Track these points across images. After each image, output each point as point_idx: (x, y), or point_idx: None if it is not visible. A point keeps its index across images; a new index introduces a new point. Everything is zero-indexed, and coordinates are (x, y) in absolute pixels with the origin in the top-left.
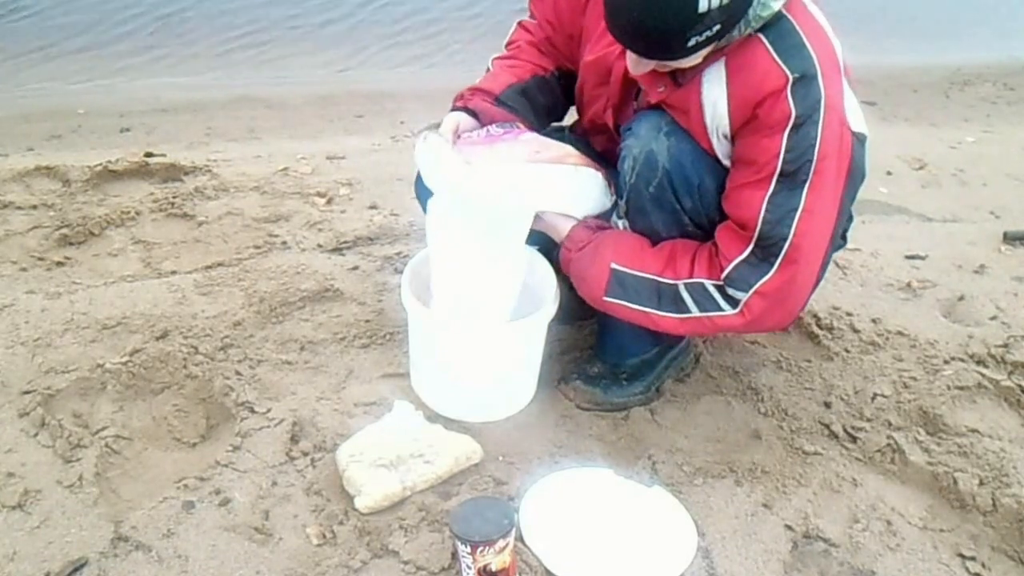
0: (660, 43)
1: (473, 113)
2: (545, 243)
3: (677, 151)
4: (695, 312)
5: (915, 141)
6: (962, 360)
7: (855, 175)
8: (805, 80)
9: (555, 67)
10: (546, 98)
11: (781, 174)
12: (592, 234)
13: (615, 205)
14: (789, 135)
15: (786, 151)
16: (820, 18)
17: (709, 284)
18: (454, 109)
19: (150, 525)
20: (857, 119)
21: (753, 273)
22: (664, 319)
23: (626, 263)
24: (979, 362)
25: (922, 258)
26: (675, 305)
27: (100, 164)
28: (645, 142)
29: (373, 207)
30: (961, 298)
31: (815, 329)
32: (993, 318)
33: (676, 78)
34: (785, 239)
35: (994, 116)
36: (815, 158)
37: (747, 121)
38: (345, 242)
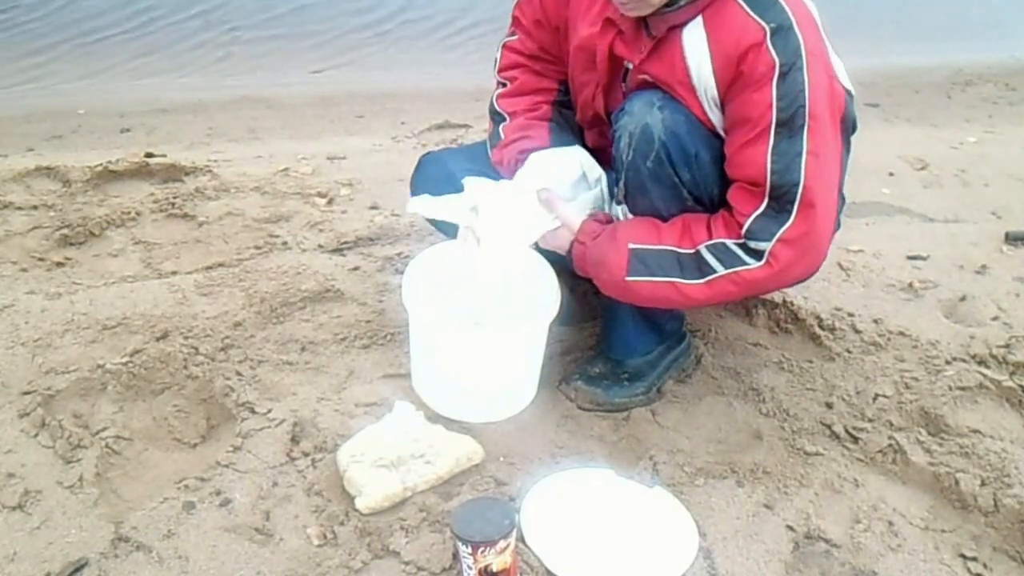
0: None
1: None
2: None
3: (672, 122)
4: (720, 270)
5: (917, 142)
6: (964, 360)
7: (847, 123)
8: (782, 30)
9: (558, 83)
10: (570, 118)
11: (778, 124)
12: (603, 225)
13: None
14: (777, 84)
15: (777, 99)
16: None
17: (730, 242)
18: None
19: (150, 526)
20: (843, 77)
21: (773, 223)
22: (690, 287)
23: (643, 240)
24: (981, 362)
25: (924, 258)
26: (699, 270)
27: (100, 164)
28: (640, 117)
29: (374, 207)
30: (963, 298)
31: (817, 330)
32: (995, 318)
33: (650, 30)
34: (797, 184)
35: (996, 116)
36: (807, 102)
37: (733, 80)
38: (346, 242)
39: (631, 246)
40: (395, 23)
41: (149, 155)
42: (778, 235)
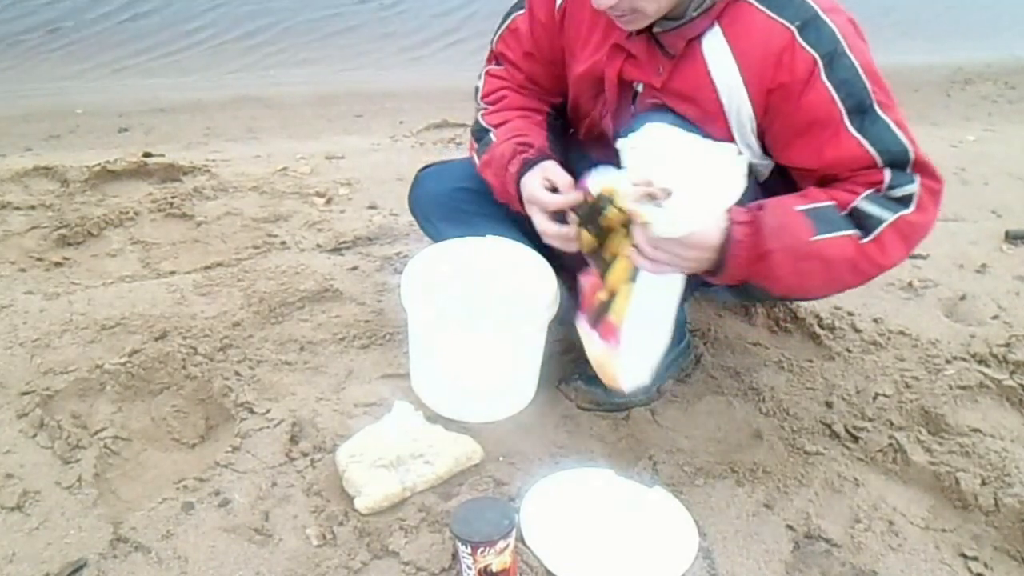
0: None
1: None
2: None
3: None
4: (887, 217)
5: (916, 140)
6: (964, 360)
7: None
8: (809, 24)
9: (548, 106)
10: (560, 136)
11: (849, 113)
12: (748, 206)
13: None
14: (828, 77)
15: (836, 90)
16: None
17: (879, 195)
18: (529, 162)
19: (149, 526)
20: None
21: (904, 177)
22: (866, 245)
23: (805, 203)
24: (981, 361)
25: (923, 257)
26: (863, 226)
27: (98, 164)
28: None
29: (372, 207)
30: (963, 297)
31: (817, 329)
32: (995, 317)
33: (666, 49)
34: (906, 151)
35: (995, 115)
36: (865, 80)
37: (773, 90)
38: (344, 242)
39: (799, 208)
40: (394, 22)
41: (147, 155)
42: (916, 181)
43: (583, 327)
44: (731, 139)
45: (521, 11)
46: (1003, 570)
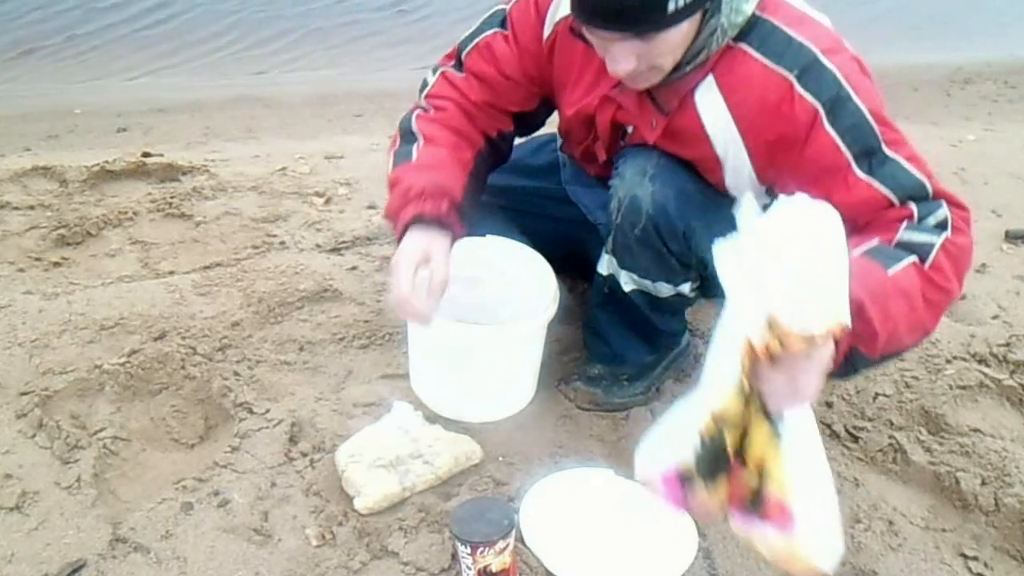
0: (636, 7)
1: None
2: (551, 247)
3: (662, 196)
4: (935, 240)
5: (916, 140)
6: (964, 359)
7: None
8: (809, 70)
9: (486, 138)
10: (482, 179)
11: (856, 157)
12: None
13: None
14: (831, 124)
15: (841, 138)
16: (802, 4)
17: (915, 225)
18: (423, 220)
19: (148, 526)
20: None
21: (931, 205)
22: (931, 270)
23: (858, 247)
24: (981, 361)
25: None
26: (919, 248)
27: (97, 164)
28: (629, 186)
29: (372, 207)
30: (963, 297)
31: None
32: (995, 317)
33: (660, 105)
34: (922, 186)
35: (995, 114)
36: (872, 124)
37: (774, 141)
38: (344, 242)
39: (857, 252)
40: (393, 21)
41: (146, 155)
42: (944, 205)
43: (744, 529)
44: (720, 180)
45: (501, 30)
46: (1003, 570)
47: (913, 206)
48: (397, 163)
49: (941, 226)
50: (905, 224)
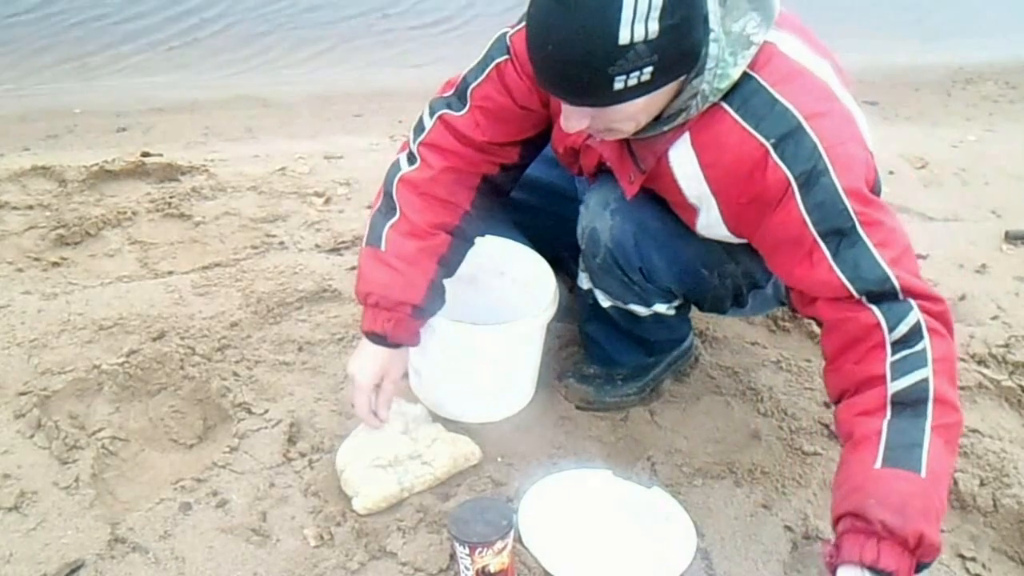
0: (582, 82)
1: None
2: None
3: (619, 232)
4: (924, 369)
5: (917, 140)
6: (963, 360)
7: (876, 191)
8: (787, 138)
9: (480, 177)
10: (463, 252)
11: (823, 236)
12: (858, 518)
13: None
14: (802, 198)
15: (809, 214)
16: (800, 52)
17: (893, 358)
18: (379, 334)
19: (147, 526)
20: (866, 135)
21: (898, 309)
22: (937, 407)
23: (870, 452)
24: (980, 362)
25: (923, 257)
26: (917, 393)
27: (96, 164)
28: (591, 217)
29: (371, 207)
30: (962, 297)
31: (815, 328)
32: (994, 318)
33: (637, 160)
34: (887, 279)
35: (996, 115)
36: (846, 202)
37: (747, 202)
38: (343, 242)
39: (877, 466)
40: (392, 21)
41: (145, 155)
42: (914, 307)
43: None
44: (692, 221)
45: (508, 57)
46: (1001, 571)
47: (878, 314)
48: (370, 238)
49: (915, 334)
50: (886, 364)
